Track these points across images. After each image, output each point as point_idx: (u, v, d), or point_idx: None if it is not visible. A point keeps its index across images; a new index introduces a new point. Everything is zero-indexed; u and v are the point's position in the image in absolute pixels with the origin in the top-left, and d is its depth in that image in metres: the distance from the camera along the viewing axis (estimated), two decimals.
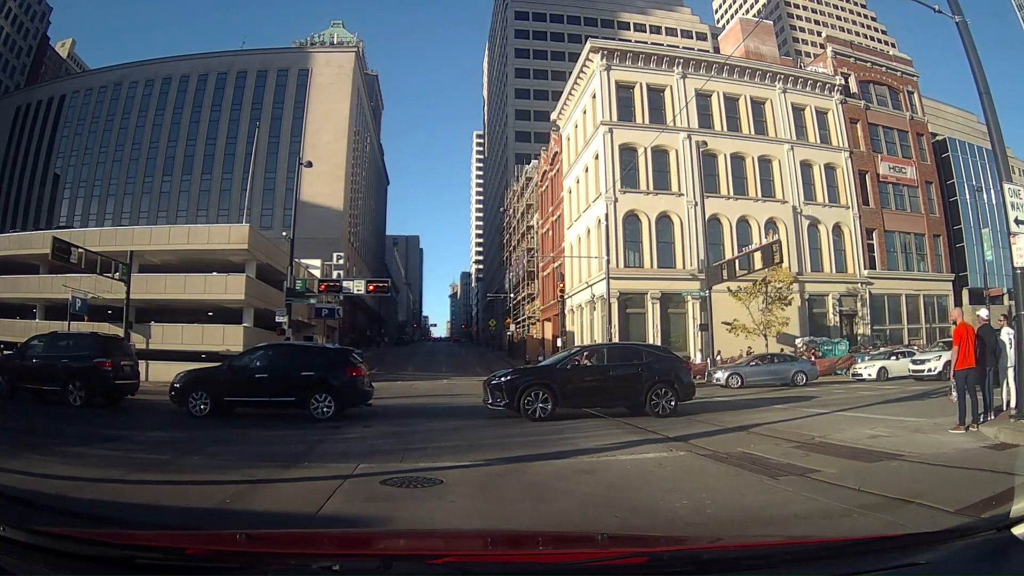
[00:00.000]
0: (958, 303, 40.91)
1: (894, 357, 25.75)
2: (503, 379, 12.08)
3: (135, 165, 65.58)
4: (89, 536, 1.92)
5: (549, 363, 13.53)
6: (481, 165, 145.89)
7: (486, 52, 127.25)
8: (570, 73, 40.59)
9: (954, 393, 9.87)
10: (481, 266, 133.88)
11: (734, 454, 7.38)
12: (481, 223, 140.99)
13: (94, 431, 10.16)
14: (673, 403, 11.96)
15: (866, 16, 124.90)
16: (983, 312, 11.23)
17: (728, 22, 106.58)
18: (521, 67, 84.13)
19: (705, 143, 31.53)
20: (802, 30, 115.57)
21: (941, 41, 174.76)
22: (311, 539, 2.60)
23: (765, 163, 34.86)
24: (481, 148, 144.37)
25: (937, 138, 47.79)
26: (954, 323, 10.00)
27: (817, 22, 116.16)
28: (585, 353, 13.06)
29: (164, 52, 71.60)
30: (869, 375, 24.26)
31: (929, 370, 21.53)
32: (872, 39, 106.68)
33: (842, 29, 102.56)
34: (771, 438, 8.86)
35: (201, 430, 10.26)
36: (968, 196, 46.55)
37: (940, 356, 21.35)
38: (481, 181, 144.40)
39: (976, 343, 9.40)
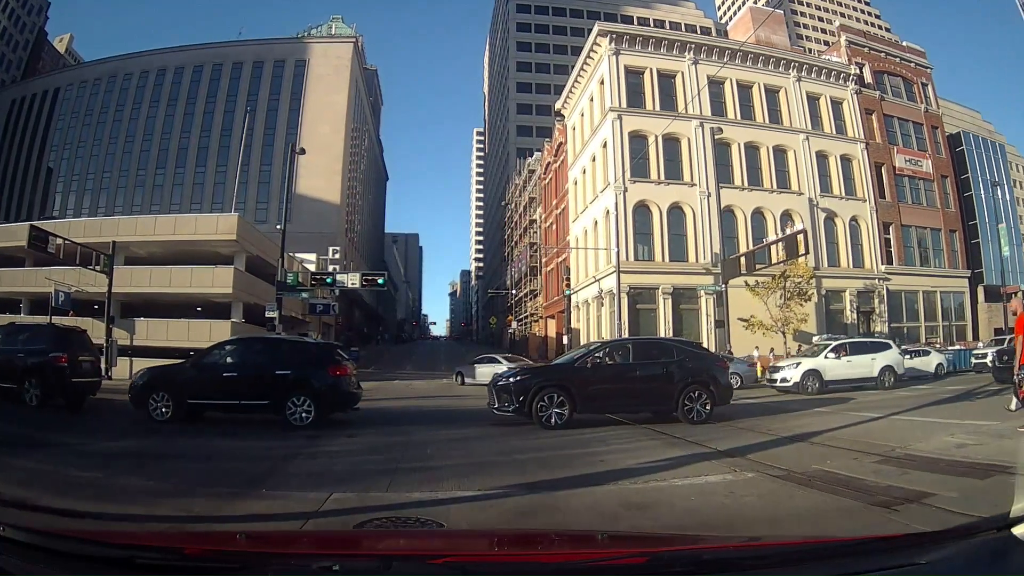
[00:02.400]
0: (974, 300, 39.76)
1: (909, 356, 24.03)
2: (511, 380, 10.38)
3: (128, 158, 64.35)
4: (89, 536, 1.94)
5: (564, 361, 11.70)
6: (481, 162, 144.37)
7: (487, 47, 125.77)
8: (573, 67, 39.19)
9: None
10: (481, 264, 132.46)
11: (815, 474, 5.81)
12: (481, 220, 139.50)
13: (35, 436, 8.73)
14: (708, 408, 10.32)
15: (869, 13, 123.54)
16: None
17: (731, 19, 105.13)
18: (523, 60, 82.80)
19: (720, 129, 29.92)
20: (805, 27, 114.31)
21: (940, 41, 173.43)
22: (311, 539, 2.72)
23: (780, 153, 33.34)
24: (481, 145, 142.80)
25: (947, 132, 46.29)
26: (1014, 314, 9.35)
27: (821, 19, 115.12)
28: (606, 349, 11.13)
29: (160, 47, 69.76)
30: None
31: (783, 379, 18.35)
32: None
33: (837, 33, 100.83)
34: (843, 450, 7.30)
35: (156, 439, 8.68)
36: (983, 192, 45.21)
37: (799, 364, 18.50)
38: (481, 178, 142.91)
39: None
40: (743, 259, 25.11)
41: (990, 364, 23.08)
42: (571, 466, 6.32)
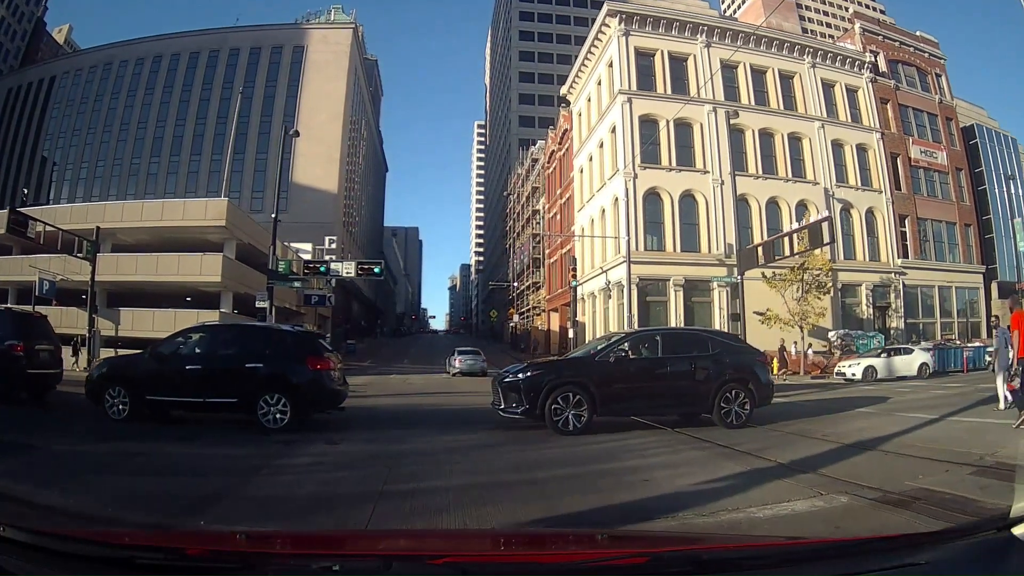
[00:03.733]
0: (988, 297, 38.53)
1: (885, 355, 23.19)
2: (520, 377, 8.90)
3: (123, 146, 63.11)
4: (89, 536, 1.90)
5: (581, 354, 10.19)
6: (482, 155, 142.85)
7: (488, 38, 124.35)
8: (576, 56, 37.95)
9: None
10: (481, 258, 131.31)
11: (916, 495, 4.61)
12: (482, 214, 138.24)
13: None
14: (748, 409, 8.97)
15: (875, 9, 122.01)
16: None
17: (735, 12, 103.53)
18: (525, 50, 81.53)
19: (736, 112, 28.47)
20: (810, 20, 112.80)
21: (943, 39, 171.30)
22: (311, 539, 2.59)
23: (795, 141, 31.96)
24: (482, 138, 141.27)
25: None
26: (1010, 310, 9.78)
27: (826, 12, 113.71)
28: (631, 341, 9.53)
29: (157, 34, 68.47)
30: (854, 375, 21.70)
31: None
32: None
33: (848, 22, 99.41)
34: (926, 461, 6.07)
35: (104, 442, 7.32)
36: (997, 186, 43.95)
37: None
38: (482, 172, 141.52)
39: None
40: (761, 249, 23.67)
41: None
42: (609, 488, 4.91)
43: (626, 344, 9.25)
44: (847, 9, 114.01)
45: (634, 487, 5.00)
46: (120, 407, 8.72)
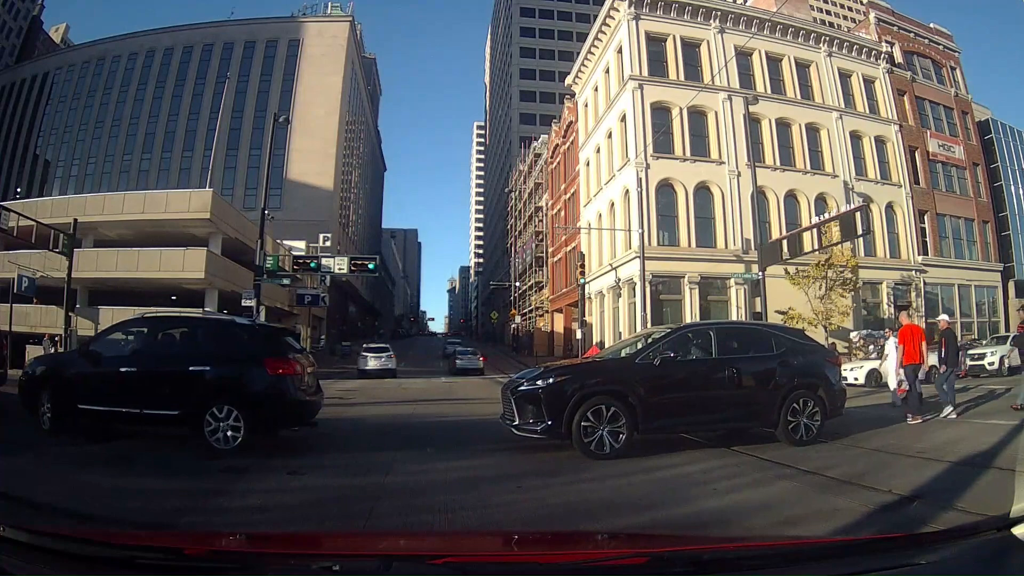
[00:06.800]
0: (1004, 296, 37.16)
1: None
2: (540, 385, 7.05)
3: (115, 143, 61.89)
4: (89, 536, 1.88)
5: (612, 356, 8.40)
6: (482, 157, 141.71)
7: (488, 37, 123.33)
8: (578, 54, 36.57)
9: None
10: (481, 260, 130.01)
11: None
12: (481, 216, 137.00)
13: None
14: (818, 422, 7.30)
15: (879, 9, 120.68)
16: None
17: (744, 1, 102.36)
18: (527, 46, 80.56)
19: (756, 100, 26.87)
20: (815, 20, 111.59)
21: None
22: (311, 539, 2.60)
23: (813, 132, 30.47)
24: (482, 138, 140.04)
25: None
26: (899, 326, 10.82)
27: (828, 12, 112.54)
28: (676, 339, 7.55)
29: (151, 28, 67.23)
30: (856, 379, 19.94)
31: None
32: None
33: (854, 20, 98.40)
34: None
35: (11, 458, 5.69)
36: (1013, 183, 42.58)
37: None
38: (482, 173, 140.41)
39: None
40: (785, 243, 22.07)
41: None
42: None
43: (671, 342, 7.40)
44: (851, 8, 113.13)
45: None
46: (48, 416, 7.08)
